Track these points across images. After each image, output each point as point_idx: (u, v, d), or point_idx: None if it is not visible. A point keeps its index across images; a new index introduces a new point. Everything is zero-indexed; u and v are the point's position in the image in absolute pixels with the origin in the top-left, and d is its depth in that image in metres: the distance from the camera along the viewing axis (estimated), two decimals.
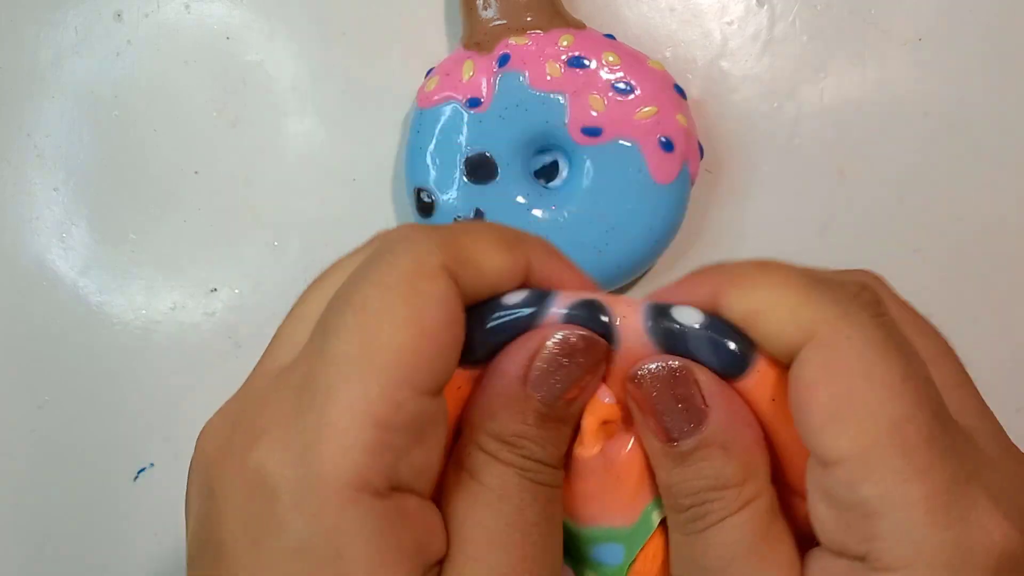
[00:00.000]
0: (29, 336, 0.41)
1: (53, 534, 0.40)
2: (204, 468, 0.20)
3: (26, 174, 0.41)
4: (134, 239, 0.41)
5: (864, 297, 0.21)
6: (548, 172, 0.39)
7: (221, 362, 0.41)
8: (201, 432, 0.21)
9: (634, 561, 0.21)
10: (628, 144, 0.37)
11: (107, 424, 0.40)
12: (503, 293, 0.21)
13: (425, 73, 0.39)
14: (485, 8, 0.38)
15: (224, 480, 0.19)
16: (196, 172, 0.41)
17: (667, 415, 0.20)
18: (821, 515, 0.20)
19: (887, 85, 0.41)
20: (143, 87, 0.41)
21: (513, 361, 0.21)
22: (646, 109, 0.37)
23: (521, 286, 0.22)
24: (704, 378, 0.20)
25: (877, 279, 0.22)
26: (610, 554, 0.21)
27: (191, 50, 0.41)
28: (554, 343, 0.21)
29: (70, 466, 0.41)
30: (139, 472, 0.40)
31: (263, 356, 0.22)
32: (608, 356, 0.21)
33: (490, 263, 0.21)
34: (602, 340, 0.21)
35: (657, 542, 0.22)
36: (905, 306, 0.22)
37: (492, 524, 0.20)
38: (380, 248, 0.20)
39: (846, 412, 0.19)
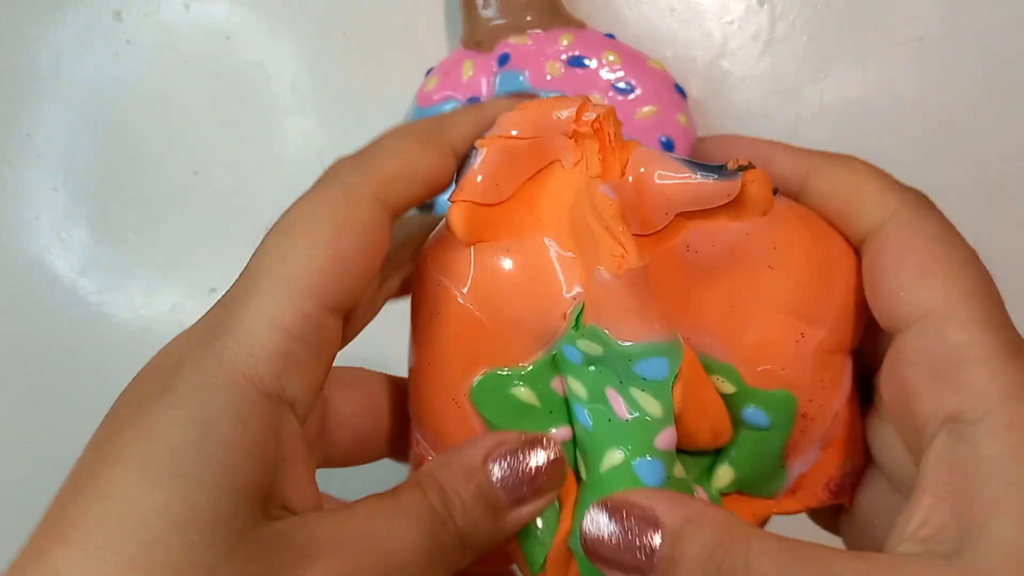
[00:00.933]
0: (29, 336, 0.41)
1: None
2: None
3: (26, 174, 0.41)
4: (134, 239, 0.41)
5: (930, 201, 0.24)
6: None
7: None
8: None
9: (677, 376, 0.22)
10: None
11: None
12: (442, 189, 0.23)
13: (425, 73, 0.39)
14: (485, 8, 0.38)
15: (146, 365, 0.21)
16: (196, 172, 0.41)
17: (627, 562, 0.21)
18: (908, 381, 0.21)
19: (887, 85, 0.41)
20: (143, 87, 0.41)
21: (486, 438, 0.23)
22: (646, 109, 0.37)
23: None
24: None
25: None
26: (655, 369, 0.21)
27: (191, 50, 0.41)
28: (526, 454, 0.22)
29: (70, 466, 0.40)
30: None
31: None
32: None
33: (415, 169, 0.22)
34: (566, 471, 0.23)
35: (689, 357, 0.22)
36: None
37: (381, 533, 0.20)
38: (317, 182, 0.22)
39: (936, 271, 0.21)
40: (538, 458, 0.22)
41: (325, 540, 0.19)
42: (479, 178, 0.22)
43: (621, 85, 0.37)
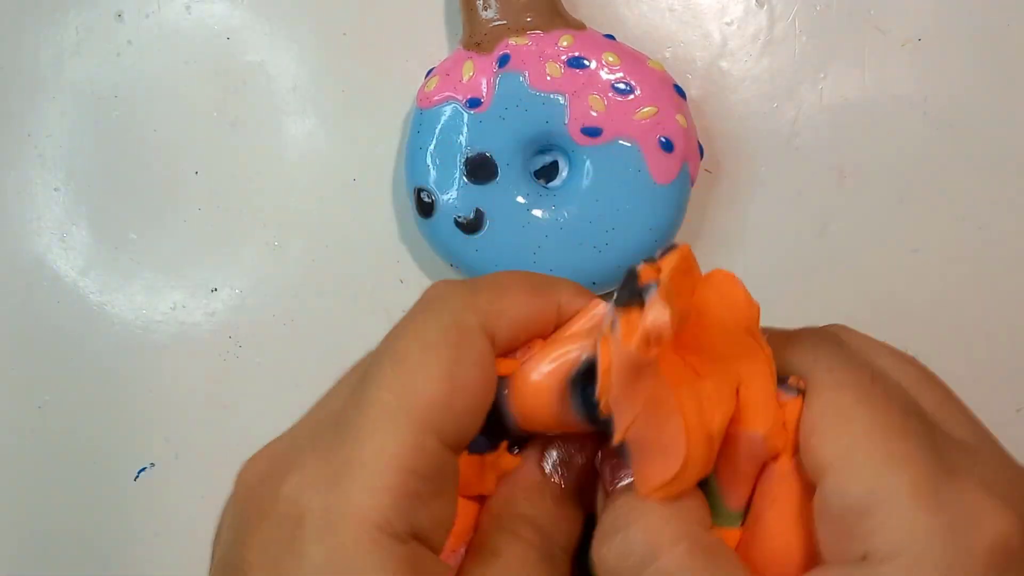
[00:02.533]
0: (29, 336, 0.41)
1: (53, 534, 0.40)
2: (240, 499, 0.21)
3: (26, 174, 0.41)
4: (134, 239, 0.41)
5: (824, 336, 0.22)
6: (548, 172, 0.39)
7: (221, 362, 0.41)
8: (243, 466, 0.22)
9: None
10: (628, 144, 0.37)
11: (107, 424, 0.41)
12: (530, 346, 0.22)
13: (425, 73, 0.39)
14: (485, 8, 0.38)
15: (256, 507, 0.20)
16: (196, 172, 0.41)
17: None
18: (824, 537, 0.20)
19: (887, 85, 0.41)
20: (143, 87, 0.41)
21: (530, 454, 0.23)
22: (646, 109, 0.37)
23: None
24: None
25: (843, 328, 0.24)
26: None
27: (191, 50, 0.41)
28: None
29: (70, 466, 0.41)
30: (139, 472, 0.40)
31: (313, 406, 0.23)
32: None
33: (521, 312, 0.22)
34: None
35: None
36: (880, 344, 0.23)
37: None
38: (421, 305, 0.21)
39: (825, 422, 0.20)
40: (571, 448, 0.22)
41: None
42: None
43: (621, 86, 0.37)
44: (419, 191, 0.38)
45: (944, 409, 0.22)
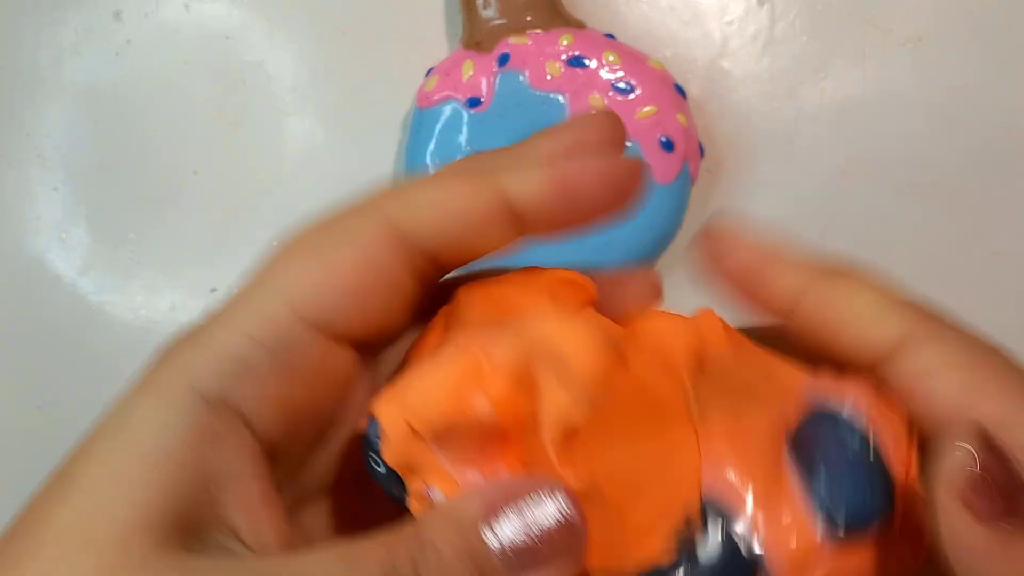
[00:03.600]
0: (29, 336, 0.41)
1: None
2: None
3: (26, 174, 0.41)
4: (134, 239, 0.41)
5: (935, 309, 0.21)
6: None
7: None
8: None
9: None
10: (628, 144, 0.37)
11: None
12: (480, 245, 0.19)
13: (425, 73, 0.39)
14: (485, 8, 0.38)
15: None
16: (196, 172, 0.41)
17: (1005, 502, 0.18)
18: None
19: (887, 85, 0.41)
20: (143, 87, 0.41)
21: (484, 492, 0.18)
22: (646, 109, 0.37)
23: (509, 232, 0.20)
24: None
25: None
26: None
27: (191, 50, 0.41)
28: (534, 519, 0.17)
29: None
30: None
31: None
32: None
33: (446, 205, 0.19)
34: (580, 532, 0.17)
35: None
36: None
37: None
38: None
39: (985, 384, 0.19)
40: (547, 515, 0.17)
41: None
42: None
43: (621, 85, 0.37)
44: None
45: None
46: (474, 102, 0.37)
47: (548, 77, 0.37)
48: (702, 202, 0.40)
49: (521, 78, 0.37)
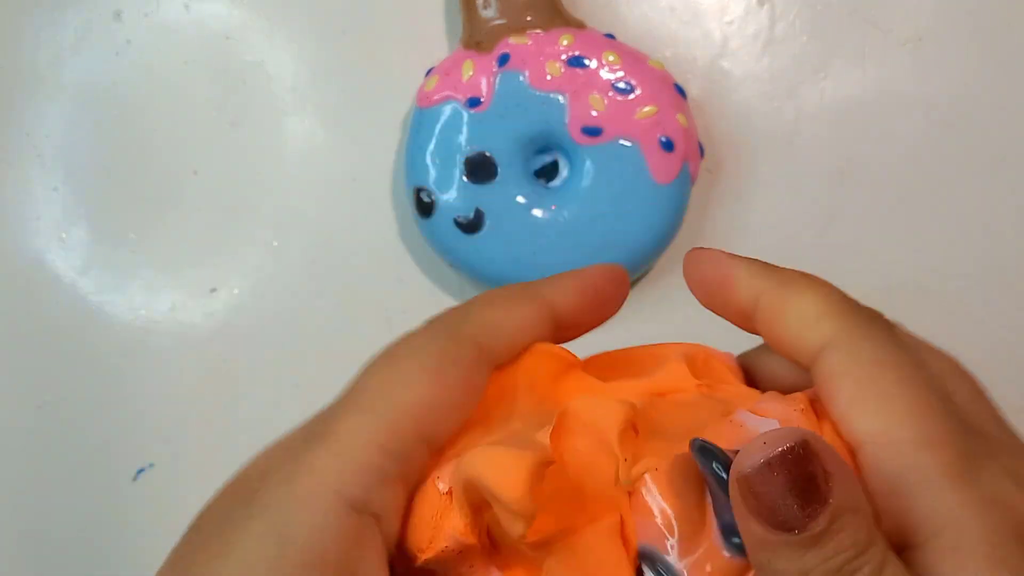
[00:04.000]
0: (29, 336, 0.41)
1: (53, 534, 0.40)
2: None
3: (26, 174, 0.41)
4: (134, 239, 0.41)
5: (877, 317, 0.22)
6: (548, 172, 0.39)
7: (221, 362, 0.41)
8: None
9: None
10: (628, 144, 0.37)
11: (107, 424, 0.40)
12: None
13: (425, 73, 0.39)
14: (485, 7, 0.38)
15: (234, 474, 0.21)
16: (196, 172, 0.41)
17: (785, 505, 0.18)
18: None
19: (887, 85, 0.41)
20: (143, 87, 0.41)
21: None
22: (646, 109, 0.37)
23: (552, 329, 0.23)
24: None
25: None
26: None
27: (191, 50, 0.41)
28: None
29: (70, 466, 0.41)
30: (139, 472, 0.40)
31: None
32: None
33: (507, 316, 0.22)
34: None
35: None
36: (920, 339, 0.24)
37: None
38: (423, 325, 0.23)
39: (868, 397, 0.20)
40: None
41: None
42: None
43: (621, 85, 0.37)
44: (419, 191, 0.38)
45: (975, 404, 0.22)
46: (474, 102, 0.37)
47: (548, 77, 0.37)
48: (702, 202, 0.40)
49: (521, 78, 0.37)
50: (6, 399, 0.41)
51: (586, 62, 0.37)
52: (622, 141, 0.37)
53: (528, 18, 0.38)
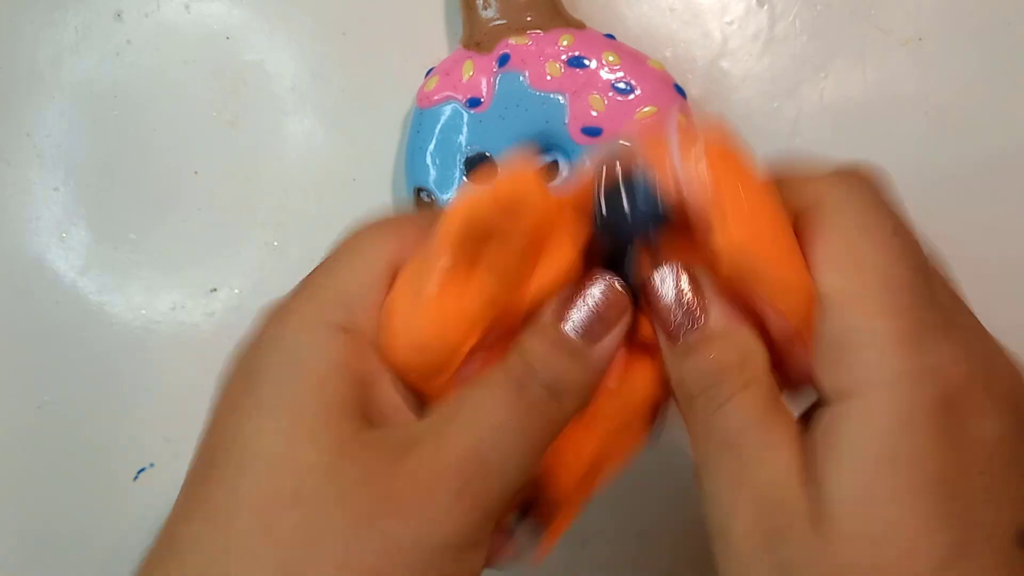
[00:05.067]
0: (29, 336, 0.41)
1: (53, 534, 0.40)
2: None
3: (26, 174, 0.41)
4: (134, 239, 0.41)
5: (865, 182, 0.25)
6: (548, 172, 0.39)
7: (221, 362, 0.41)
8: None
9: None
10: (628, 144, 0.37)
11: (107, 424, 0.40)
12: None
13: (425, 73, 0.39)
14: (485, 8, 0.38)
15: (259, 319, 0.26)
16: (196, 172, 0.41)
17: (675, 321, 0.24)
18: (816, 361, 0.22)
19: (887, 85, 0.41)
20: (143, 87, 0.41)
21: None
22: (646, 109, 0.37)
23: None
24: (706, 281, 0.24)
25: (879, 178, 0.26)
26: None
27: (191, 50, 0.41)
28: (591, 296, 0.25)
29: (70, 466, 0.41)
30: (139, 472, 0.40)
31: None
32: None
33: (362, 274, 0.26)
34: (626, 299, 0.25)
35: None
36: (903, 215, 0.25)
37: (467, 413, 0.23)
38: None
39: (841, 257, 0.22)
40: (595, 294, 0.24)
41: (418, 435, 0.22)
42: None
43: (621, 85, 0.37)
44: (419, 191, 0.38)
45: (941, 281, 0.24)
46: (474, 102, 0.37)
47: (548, 77, 0.37)
48: None
49: (521, 78, 0.37)
50: (6, 399, 0.41)
51: (586, 62, 0.37)
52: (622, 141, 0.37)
53: (528, 18, 0.38)
